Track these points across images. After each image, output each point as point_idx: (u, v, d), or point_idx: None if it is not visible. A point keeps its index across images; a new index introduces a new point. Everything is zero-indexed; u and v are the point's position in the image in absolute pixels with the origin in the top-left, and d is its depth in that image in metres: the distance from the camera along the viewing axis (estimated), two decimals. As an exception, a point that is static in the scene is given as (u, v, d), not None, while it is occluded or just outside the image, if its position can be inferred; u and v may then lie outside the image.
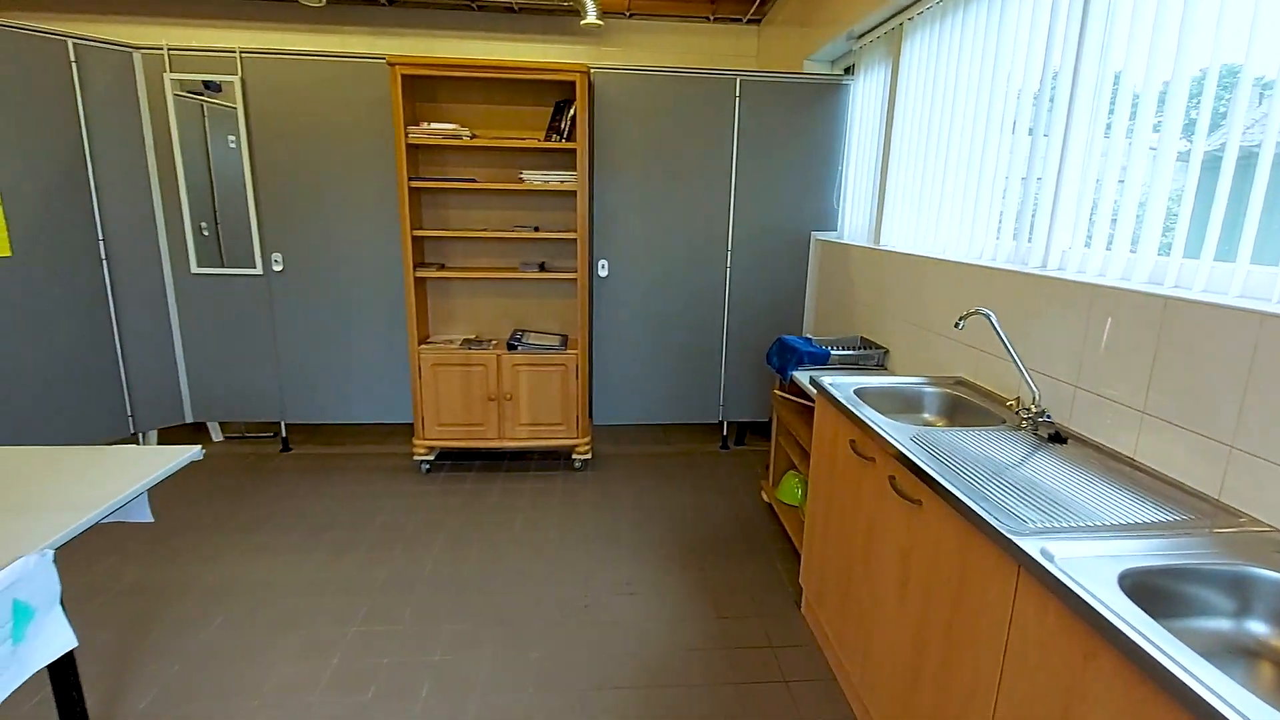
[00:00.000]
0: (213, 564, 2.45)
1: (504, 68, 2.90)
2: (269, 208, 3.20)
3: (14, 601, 1.15)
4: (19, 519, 1.28)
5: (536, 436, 3.25)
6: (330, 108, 3.13)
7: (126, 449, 1.62)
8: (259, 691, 1.83)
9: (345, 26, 4.52)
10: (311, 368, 3.38)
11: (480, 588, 2.34)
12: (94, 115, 2.94)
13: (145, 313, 3.20)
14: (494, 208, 3.34)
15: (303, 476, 3.22)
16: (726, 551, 2.62)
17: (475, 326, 3.45)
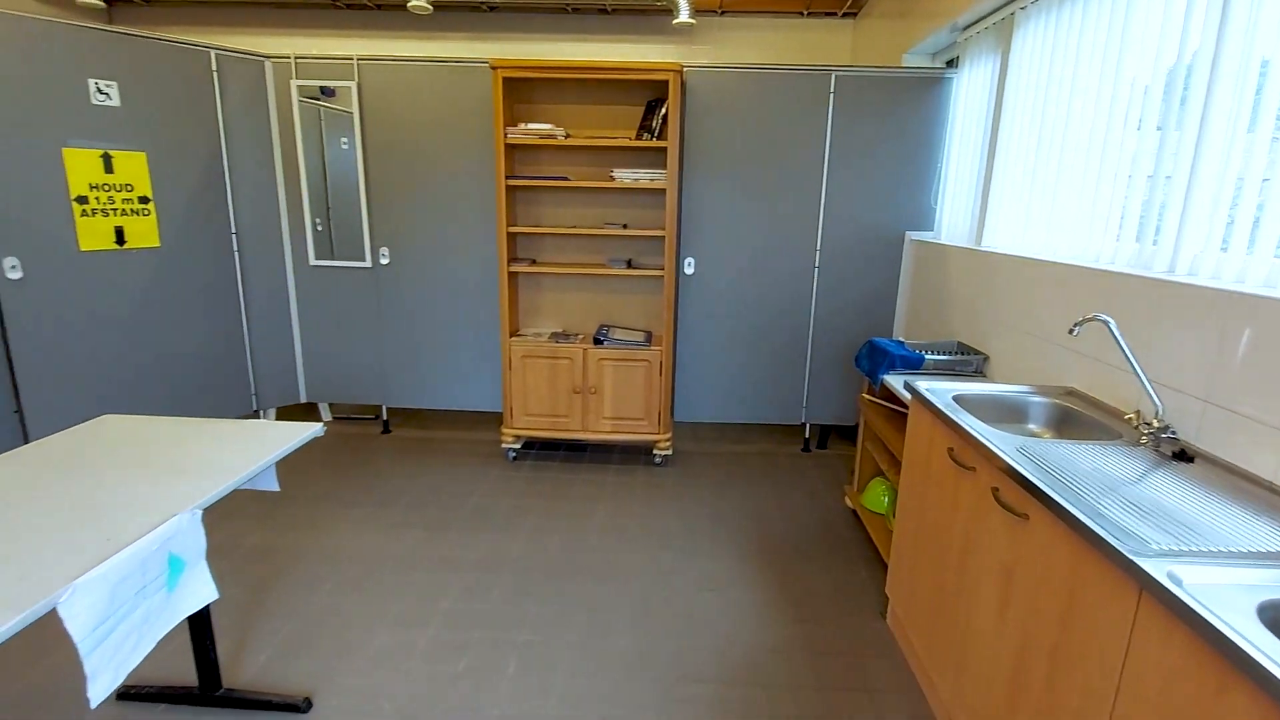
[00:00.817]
0: (323, 533, 2.65)
1: (600, 68, 2.97)
2: (378, 204, 3.41)
3: (169, 555, 1.30)
4: (173, 481, 1.44)
5: (619, 430, 3.31)
6: (435, 110, 3.30)
7: (258, 423, 1.78)
8: (364, 654, 1.98)
9: (449, 32, 4.73)
10: (411, 355, 3.58)
11: (565, 574, 2.42)
12: (231, 120, 3.23)
13: (269, 301, 3.49)
14: (585, 205, 3.43)
15: (401, 457, 3.43)
16: (807, 555, 2.59)
17: (563, 320, 3.55)
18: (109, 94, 2.78)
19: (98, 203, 2.79)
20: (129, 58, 2.83)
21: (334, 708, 1.77)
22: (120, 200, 2.86)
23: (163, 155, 2.99)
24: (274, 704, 1.76)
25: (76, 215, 2.74)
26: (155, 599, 1.27)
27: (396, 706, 1.78)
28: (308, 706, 1.77)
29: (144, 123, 2.90)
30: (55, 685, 1.83)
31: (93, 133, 2.75)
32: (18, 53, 2.53)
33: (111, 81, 2.78)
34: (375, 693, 1.83)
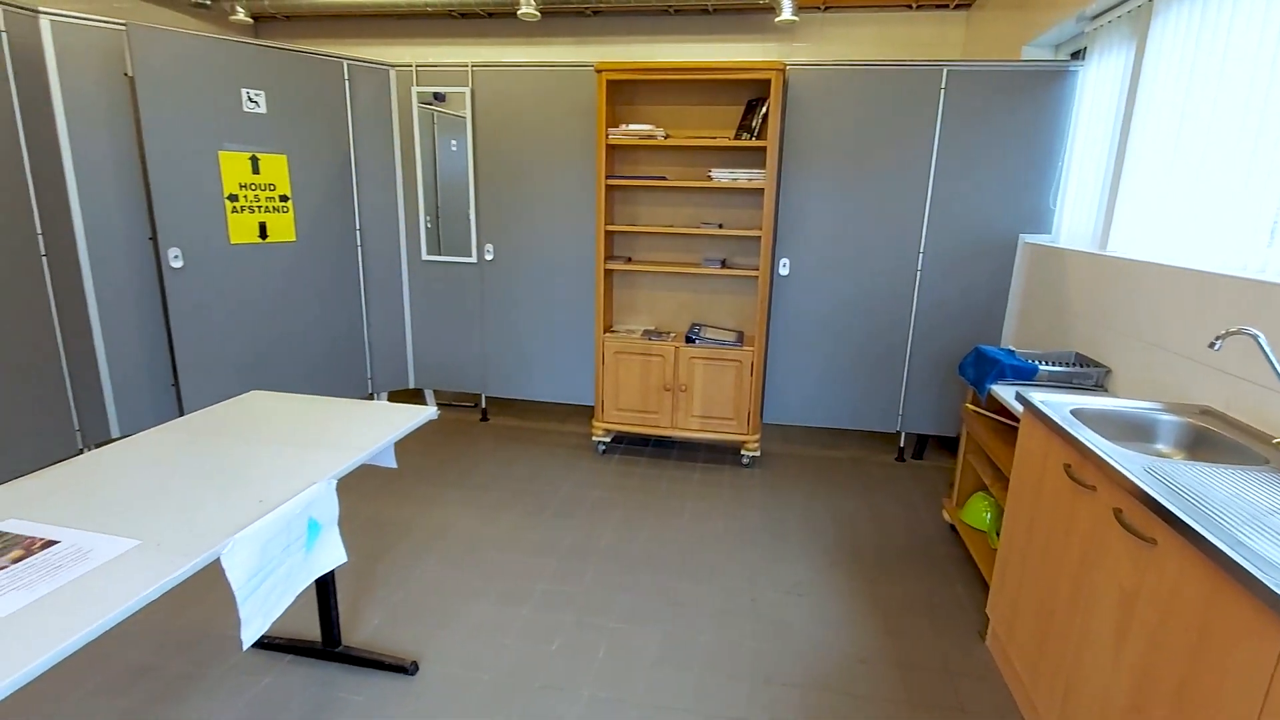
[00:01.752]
0: (429, 511, 2.83)
1: (701, 69, 2.99)
2: (486, 203, 3.59)
3: (309, 519, 1.44)
4: (311, 452, 1.59)
5: (707, 429, 3.33)
6: (540, 112, 3.44)
7: (381, 404, 1.93)
8: (464, 626, 2.10)
9: (554, 37, 4.90)
10: (510, 348, 3.75)
11: (652, 567, 2.47)
12: (359, 124, 3.50)
13: (385, 293, 3.75)
14: (681, 204, 3.46)
15: (498, 445, 3.60)
16: (900, 567, 2.51)
17: (655, 318, 3.60)
18: (258, 102, 3.08)
19: (246, 200, 3.11)
20: (275, 69, 3.12)
21: (437, 673, 1.90)
22: (264, 198, 3.17)
23: (300, 157, 3.28)
24: (385, 664, 1.91)
25: (228, 212, 3.06)
26: (296, 558, 1.41)
27: (494, 678, 1.89)
28: (415, 669, 1.91)
29: (286, 128, 3.20)
30: (204, 626, 2.06)
31: (244, 137, 3.06)
32: (184, 66, 2.86)
33: (260, 90, 3.08)
34: (474, 663, 1.94)
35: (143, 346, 3.12)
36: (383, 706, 1.77)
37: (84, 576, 1.08)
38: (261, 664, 1.92)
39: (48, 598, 1.02)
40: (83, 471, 1.46)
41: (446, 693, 1.83)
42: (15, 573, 1.08)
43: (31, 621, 0.96)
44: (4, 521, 1.24)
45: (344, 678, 1.88)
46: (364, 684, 1.85)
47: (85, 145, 2.85)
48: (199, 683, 1.84)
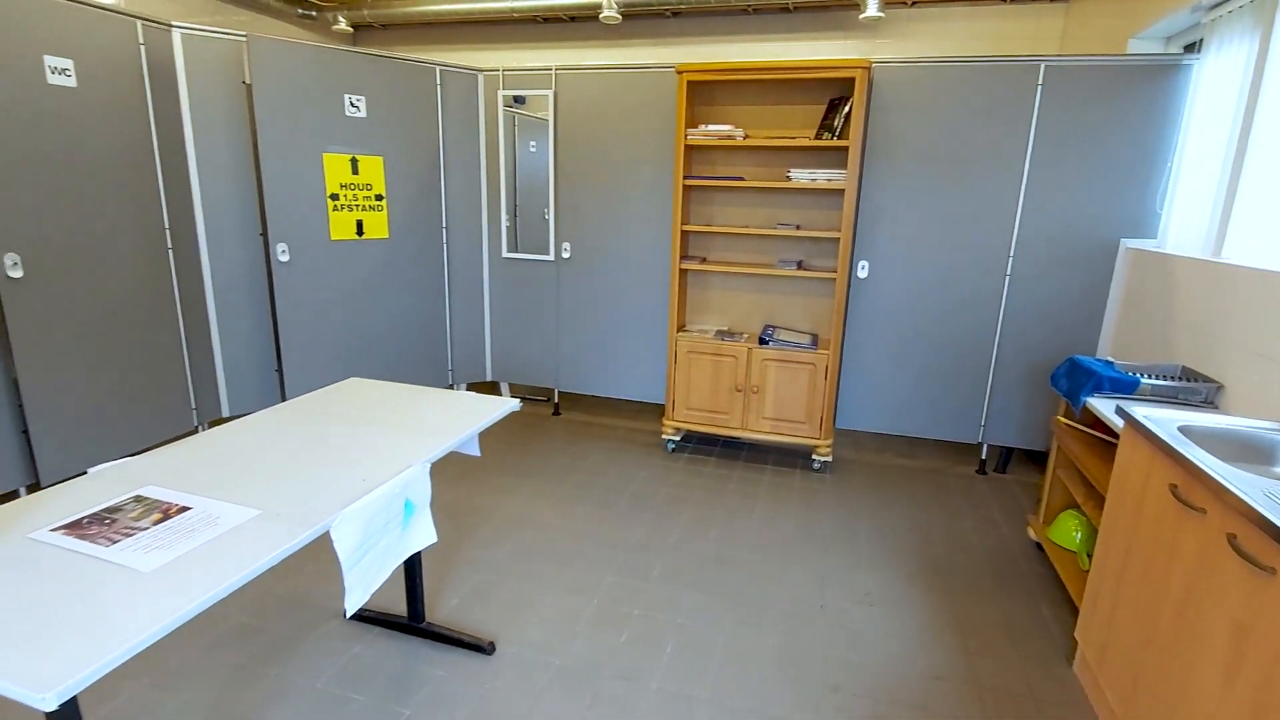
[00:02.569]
0: (505, 499, 2.94)
1: (784, 68, 2.97)
2: (564, 202, 3.68)
3: (405, 499, 1.54)
4: (406, 437, 1.69)
5: (778, 431, 3.31)
6: (620, 113, 3.50)
7: (468, 395, 2.02)
8: (538, 612, 2.18)
9: (634, 39, 4.96)
10: (584, 344, 3.83)
11: (720, 566, 2.48)
12: (448, 127, 3.66)
13: (467, 288, 3.91)
14: (757, 205, 3.45)
15: (570, 439, 3.69)
16: (979, 583, 2.42)
17: (728, 318, 3.60)
18: (359, 106, 3.27)
19: (345, 199, 3.31)
20: (375, 75, 3.31)
21: (512, 655, 1.98)
22: (361, 197, 3.36)
23: (395, 158, 3.46)
24: (465, 642, 2.00)
25: (330, 210, 3.26)
26: (393, 535, 1.50)
27: (565, 664, 1.95)
28: (492, 649, 1.99)
29: (383, 130, 3.38)
30: (301, 595, 2.22)
31: (345, 140, 3.26)
32: (294, 74, 3.07)
33: (361, 96, 3.27)
34: (547, 648, 2.01)
35: (251, 334, 3.38)
36: (463, 682, 1.86)
37: (214, 540, 1.19)
38: (353, 633, 2.05)
39: (185, 556, 1.13)
40: (208, 446, 1.60)
41: (522, 674, 1.90)
42: (156, 533, 1.21)
43: (175, 575, 1.08)
44: (144, 488, 1.38)
45: (427, 652, 1.98)
46: (445, 659, 1.95)
47: (207, 147, 3.10)
48: (298, 645, 1.98)
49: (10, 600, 1.00)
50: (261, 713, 1.74)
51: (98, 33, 2.61)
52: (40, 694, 0.83)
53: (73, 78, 2.53)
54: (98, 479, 1.41)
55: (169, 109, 2.95)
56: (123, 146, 2.75)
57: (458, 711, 1.76)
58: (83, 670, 0.87)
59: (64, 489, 1.36)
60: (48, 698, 0.83)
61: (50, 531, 1.20)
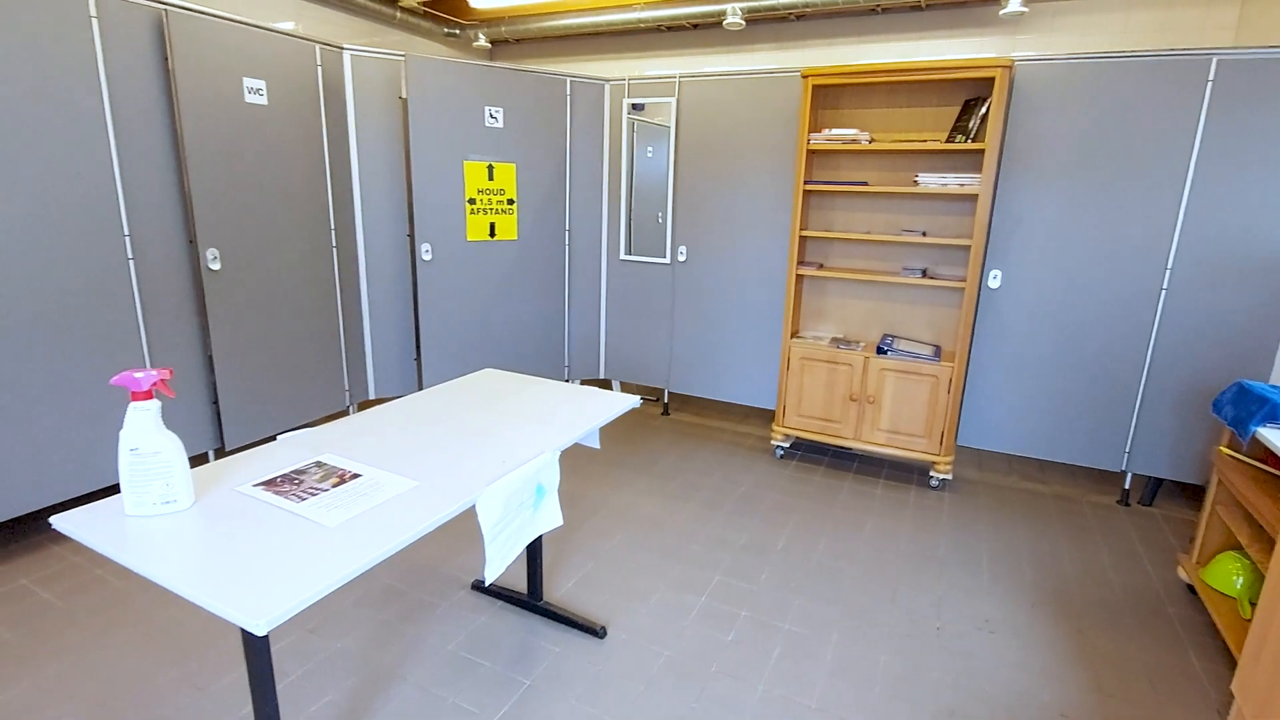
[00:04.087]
0: (616, 493, 3.05)
1: (917, 70, 2.88)
2: (682, 207, 3.76)
3: (538, 483, 1.66)
4: (538, 426, 1.82)
5: (893, 445, 3.20)
6: (741, 118, 3.52)
7: (592, 390, 2.13)
8: (646, 603, 2.25)
9: (757, 43, 4.96)
10: (695, 346, 3.89)
11: (829, 577, 2.45)
12: (575, 136, 3.84)
13: (585, 288, 4.08)
14: (880, 210, 3.36)
15: (678, 438, 3.76)
16: (1117, 621, 2.24)
17: (844, 326, 3.53)
18: (497, 118, 3.51)
19: (481, 204, 3.56)
20: (512, 88, 3.54)
21: (621, 641, 2.06)
22: (495, 202, 3.60)
23: (527, 165, 3.68)
24: (579, 624, 2.11)
25: (467, 213, 3.53)
26: (526, 515, 1.63)
27: (672, 656, 2.01)
28: (603, 634, 2.09)
29: (516, 139, 3.61)
30: (436, 564, 2.43)
31: (484, 149, 3.51)
32: (444, 88, 3.35)
33: (500, 108, 3.51)
34: (655, 639, 2.08)
35: (396, 325, 3.71)
36: (577, 661, 1.97)
37: (382, 505, 1.35)
38: (479, 605, 2.22)
39: (361, 516, 1.29)
40: (371, 423, 1.80)
41: (631, 660, 1.98)
42: (335, 494, 1.38)
43: (354, 531, 1.24)
44: (322, 455, 1.58)
45: (544, 629, 2.11)
46: (560, 638, 2.07)
47: (368, 156, 3.45)
48: (432, 610, 2.18)
49: (226, 541, 1.20)
50: (402, 666, 1.93)
51: (284, 56, 2.98)
52: (255, 621, 1.00)
53: (264, 96, 2.91)
54: (285, 445, 1.63)
55: (338, 122, 3.31)
56: (301, 157, 3.12)
57: (573, 688, 1.86)
58: (287, 604, 1.03)
59: (258, 451, 1.58)
60: (260, 624, 1.00)
61: (253, 486, 1.41)
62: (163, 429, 1.27)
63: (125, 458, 1.24)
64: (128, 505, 1.27)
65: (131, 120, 2.49)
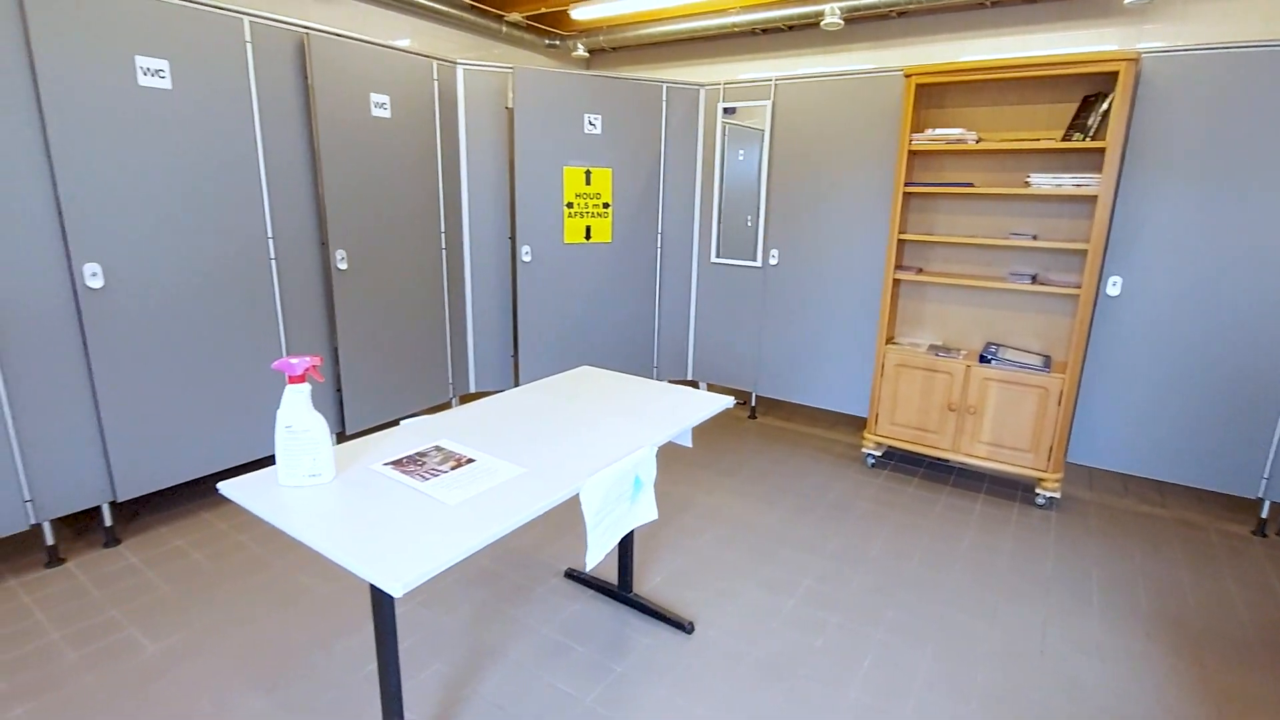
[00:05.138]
0: (705, 493, 3.09)
1: (1032, 65, 2.75)
2: (775, 210, 3.74)
3: (635, 476, 1.72)
4: (635, 422, 1.88)
5: (995, 458, 3.06)
6: (837, 120, 3.47)
7: (686, 389, 2.18)
8: (735, 602, 2.27)
9: (854, 43, 4.86)
10: (785, 350, 3.86)
11: (924, 589, 2.38)
12: (670, 140, 3.91)
13: (675, 290, 4.14)
14: (986, 213, 3.22)
15: (765, 442, 3.74)
16: (1248, 658, 2.06)
17: (943, 333, 3.41)
18: (595, 124, 3.64)
19: (578, 208, 3.70)
20: (611, 95, 3.65)
21: (710, 638, 2.09)
22: (591, 206, 3.73)
23: (622, 170, 3.79)
24: (667, 618, 2.16)
25: (565, 217, 3.67)
26: (623, 506, 1.69)
27: (761, 656, 2.02)
28: (691, 629, 2.13)
29: (613, 145, 3.72)
30: (532, 550, 2.55)
31: (582, 154, 3.64)
32: (547, 97, 3.50)
33: (599, 115, 3.63)
34: (744, 638, 2.10)
35: (496, 324, 3.91)
36: (667, 654, 2.02)
37: (495, 488, 1.45)
38: (571, 592, 2.32)
39: (477, 497, 1.40)
40: (480, 413, 1.92)
41: (719, 658, 2.01)
42: (454, 476, 1.50)
43: (472, 510, 1.34)
44: (439, 439, 1.71)
45: (634, 620, 2.17)
46: (650, 630, 2.12)
47: (476, 164, 3.65)
48: (528, 594, 2.29)
49: (365, 512, 1.32)
50: (502, 644, 2.04)
51: (405, 72, 3.21)
52: (392, 583, 1.11)
53: (388, 110, 3.15)
54: (407, 430, 1.78)
55: (450, 132, 3.53)
56: (417, 165, 3.35)
57: (663, 680, 1.91)
58: (419, 570, 1.13)
59: (385, 434, 1.73)
60: (396, 586, 1.10)
61: (383, 465, 1.54)
62: (313, 410, 1.43)
63: (281, 434, 1.40)
64: (281, 476, 1.43)
65: (276, 134, 2.76)
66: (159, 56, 2.35)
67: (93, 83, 2.21)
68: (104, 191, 2.28)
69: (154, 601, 2.19)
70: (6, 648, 1.96)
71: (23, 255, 2.14)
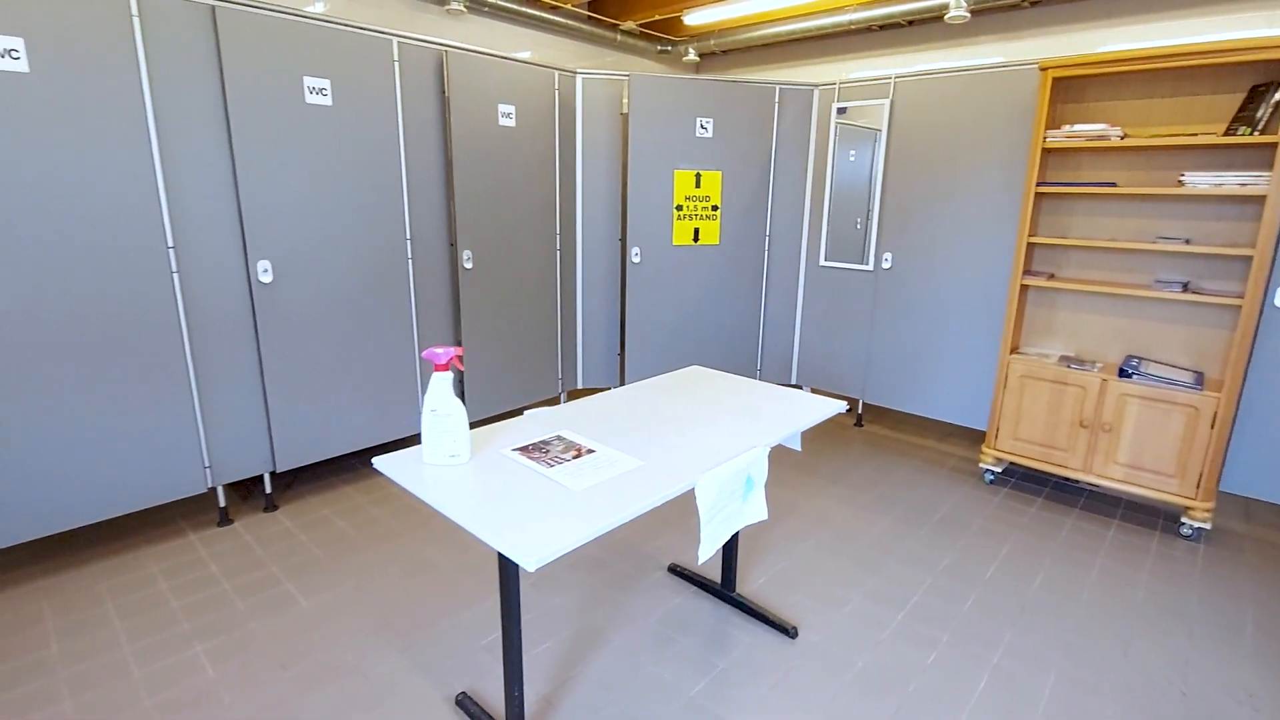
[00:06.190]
0: (808, 498, 3.05)
1: (1190, 54, 2.51)
2: (890, 212, 3.63)
3: (747, 476, 1.74)
4: (747, 422, 1.90)
5: (1133, 482, 2.82)
6: (961, 117, 3.32)
7: (798, 392, 2.18)
8: (840, 610, 2.24)
9: (979, 36, 4.62)
10: (895, 357, 3.74)
11: (1047, 614, 2.24)
12: (781, 142, 3.88)
13: (782, 294, 4.11)
14: (1129, 215, 2.97)
15: (872, 451, 3.64)
16: None
17: (1076, 343, 3.17)
18: (707, 128, 3.68)
19: (687, 210, 3.75)
20: (722, 98, 3.68)
21: (813, 644, 2.08)
22: (700, 208, 3.78)
23: (732, 172, 3.81)
24: (770, 621, 2.17)
25: (674, 219, 3.74)
26: (735, 504, 1.73)
27: (867, 667, 1.98)
28: (794, 634, 2.12)
29: (724, 147, 3.75)
30: (637, 543, 2.63)
31: (693, 158, 3.70)
32: (660, 103, 3.58)
33: (710, 118, 3.67)
34: (849, 646, 2.07)
35: (604, 322, 4.04)
36: (769, 655, 2.03)
37: (616, 478, 1.52)
38: (675, 586, 2.37)
39: (599, 485, 1.48)
40: (597, 407, 2.01)
41: (824, 663, 1.99)
42: (576, 465, 1.59)
43: (595, 497, 1.42)
44: (560, 430, 1.81)
45: (735, 619, 2.19)
46: (752, 629, 2.14)
47: (590, 168, 3.80)
48: (634, 584, 2.37)
49: (498, 492, 1.44)
50: (608, 629, 2.13)
51: (529, 83, 3.40)
52: (527, 558, 1.20)
53: (513, 120, 3.34)
54: (530, 420, 1.89)
55: (567, 138, 3.69)
56: (536, 171, 3.53)
57: (766, 679, 1.93)
58: (551, 547, 1.22)
59: (511, 423, 1.85)
60: (531, 561, 1.19)
61: (512, 450, 1.66)
62: (454, 396, 1.56)
63: (427, 417, 1.55)
64: (426, 455, 1.57)
65: (416, 144, 3.01)
66: (322, 76, 2.63)
67: (269, 101, 2.51)
68: (276, 197, 2.58)
69: (306, 561, 2.46)
70: (190, 592, 2.26)
71: (212, 253, 2.47)
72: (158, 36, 2.26)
